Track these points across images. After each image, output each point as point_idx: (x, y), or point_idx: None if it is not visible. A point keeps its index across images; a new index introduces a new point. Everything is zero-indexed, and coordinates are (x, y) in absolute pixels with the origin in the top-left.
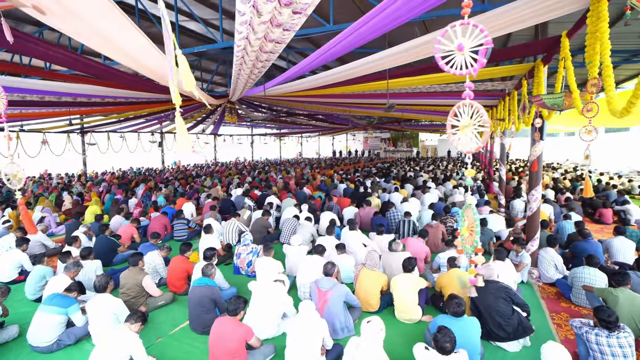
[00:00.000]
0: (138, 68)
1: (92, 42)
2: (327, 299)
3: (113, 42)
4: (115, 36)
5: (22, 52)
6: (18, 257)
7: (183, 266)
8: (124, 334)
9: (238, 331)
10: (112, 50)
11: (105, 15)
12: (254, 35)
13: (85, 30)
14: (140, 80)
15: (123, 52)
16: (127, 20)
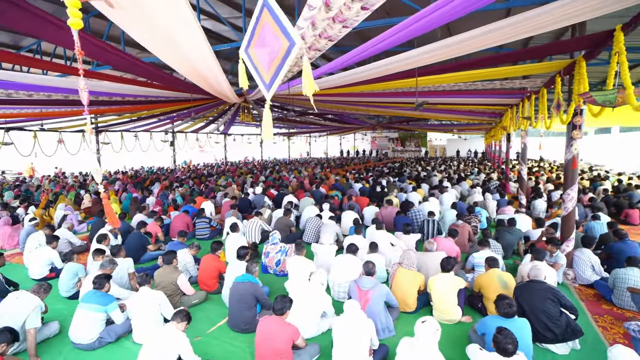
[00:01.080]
0: (186, 67)
1: (146, 37)
2: (368, 298)
3: (169, 38)
4: (174, 31)
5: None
6: (49, 255)
7: (215, 265)
8: (172, 333)
9: (285, 331)
10: (164, 47)
11: (172, 7)
12: (311, 32)
13: (145, 24)
14: (168, 76)
15: (176, 49)
16: (190, 15)
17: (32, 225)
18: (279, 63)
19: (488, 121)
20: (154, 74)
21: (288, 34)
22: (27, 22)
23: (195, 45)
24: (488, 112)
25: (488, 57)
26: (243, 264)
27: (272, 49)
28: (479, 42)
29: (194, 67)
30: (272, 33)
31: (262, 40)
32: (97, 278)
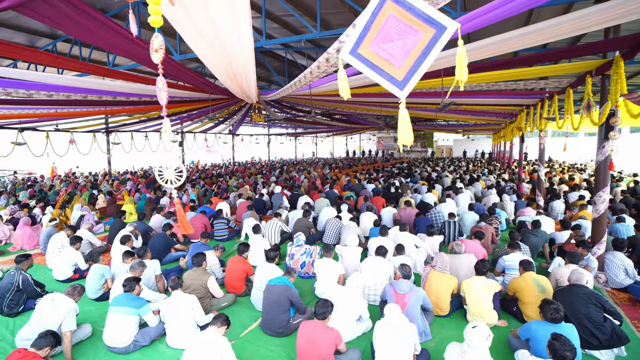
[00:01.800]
0: (224, 66)
1: (194, 35)
2: (406, 302)
3: (218, 36)
4: (226, 29)
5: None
6: (72, 256)
7: (242, 267)
8: (214, 338)
9: (329, 335)
10: (210, 45)
11: (234, 2)
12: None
13: (200, 21)
14: (203, 80)
15: (221, 48)
16: (248, 12)
17: (53, 226)
18: (418, 55)
19: (497, 121)
20: (193, 79)
21: (432, 20)
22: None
23: (243, 44)
24: (499, 113)
25: (518, 58)
26: (273, 266)
27: (405, 41)
28: (522, 41)
29: (232, 67)
30: (403, 24)
31: (387, 34)
32: (127, 281)
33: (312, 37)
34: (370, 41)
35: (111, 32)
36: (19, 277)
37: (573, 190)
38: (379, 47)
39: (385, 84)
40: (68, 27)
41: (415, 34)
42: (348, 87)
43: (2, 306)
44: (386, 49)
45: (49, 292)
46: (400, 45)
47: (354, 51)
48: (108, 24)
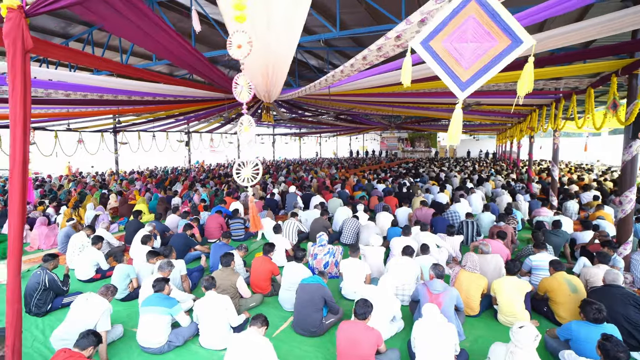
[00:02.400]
0: (262, 65)
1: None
2: (440, 301)
3: (269, 33)
4: (279, 25)
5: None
6: (94, 256)
7: (268, 267)
8: (256, 339)
9: (370, 336)
10: (258, 42)
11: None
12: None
13: (258, 16)
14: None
15: (266, 46)
16: (304, 15)
17: (70, 226)
18: (488, 62)
19: (503, 121)
20: (220, 77)
21: (510, 31)
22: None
23: (290, 42)
24: (507, 113)
25: (545, 57)
26: (301, 266)
27: (479, 45)
28: (565, 38)
29: (268, 65)
30: (481, 28)
31: (462, 34)
32: (157, 281)
33: (330, 37)
34: (445, 37)
35: (157, 28)
36: (45, 277)
37: (585, 191)
38: (451, 45)
39: (447, 81)
40: (113, 22)
41: (491, 41)
42: (410, 76)
43: (30, 306)
44: (458, 48)
45: (78, 292)
46: (473, 48)
47: (425, 42)
48: (155, 20)
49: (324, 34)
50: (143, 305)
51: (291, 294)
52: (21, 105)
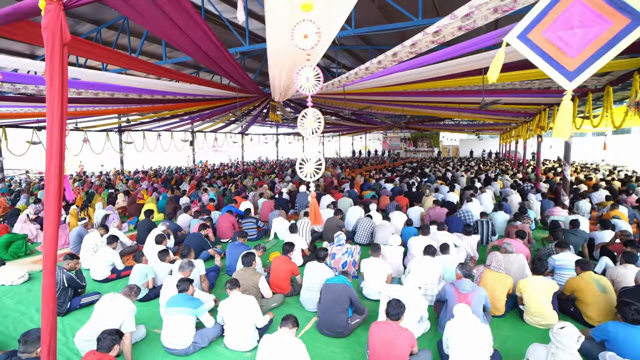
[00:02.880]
0: (289, 64)
1: (281, 25)
2: (469, 301)
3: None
4: (320, 21)
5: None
6: (110, 255)
7: (288, 266)
8: (289, 340)
9: (405, 336)
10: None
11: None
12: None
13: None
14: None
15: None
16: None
17: (82, 225)
18: (601, 46)
19: (508, 120)
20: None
21: (629, 9)
22: None
23: (327, 39)
24: (515, 112)
25: None
26: (323, 266)
27: (588, 30)
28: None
29: (296, 62)
30: (591, 11)
31: (567, 21)
32: (181, 282)
33: (346, 34)
34: (546, 27)
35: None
36: (63, 276)
37: (595, 190)
38: (554, 34)
39: (550, 72)
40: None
41: (603, 24)
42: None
43: None
44: (562, 37)
45: (96, 293)
46: (581, 34)
47: (522, 36)
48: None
49: (341, 32)
50: (168, 305)
51: (313, 294)
52: (59, 100)
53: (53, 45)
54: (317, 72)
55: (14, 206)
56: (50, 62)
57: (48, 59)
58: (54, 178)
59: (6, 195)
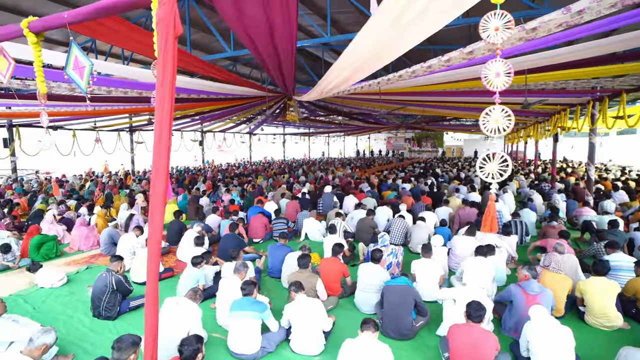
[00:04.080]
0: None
1: (378, 33)
2: (538, 303)
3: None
4: (412, 27)
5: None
6: None
7: (339, 267)
8: (375, 344)
9: (490, 339)
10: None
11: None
12: None
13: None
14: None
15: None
16: None
17: (112, 227)
18: None
19: (521, 121)
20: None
21: None
22: None
23: (407, 43)
24: (533, 112)
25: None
26: (378, 267)
27: None
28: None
29: (367, 61)
30: None
31: None
32: (245, 284)
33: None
34: None
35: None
36: (112, 279)
37: (615, 190)
38: None
39: None
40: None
41: None
42: None
43: (99, 310)
44: None
45: (141, 297)
46: None
47: None
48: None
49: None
50: (234, 309)
51: (369, 295)
52: (170, 96)
53: (167, 38)
54: (507, 66)
55: (32, 207)
56: (164, 56)
57: (162, 52)
58: (161, 176)
59: (22, 195)
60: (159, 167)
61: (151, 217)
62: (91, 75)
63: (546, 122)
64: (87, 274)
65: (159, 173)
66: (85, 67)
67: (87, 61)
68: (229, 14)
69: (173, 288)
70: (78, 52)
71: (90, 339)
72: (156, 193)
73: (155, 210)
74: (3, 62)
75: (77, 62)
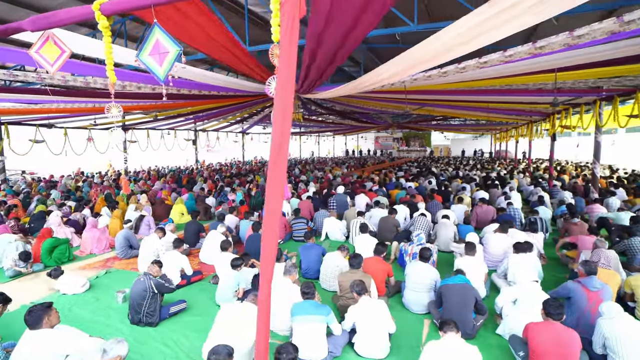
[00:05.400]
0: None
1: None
2: (600, 299)
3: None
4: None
5: None
6: (179, 260)
7: (383, 267)
8: (464, 347)
9: (574, 336)
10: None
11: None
12: None
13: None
14: None
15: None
16: None
17: (128, 228)
18: None
19: (514, 120)
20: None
21: None
22: None
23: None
24: (530, 111)
25: None
26: (427, 266)
27: None
28: None
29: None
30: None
31: None
32: (307, 287)
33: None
34: None
35: None
36: (150, 282)
37: (616, 188)
38: None
39: None
40: None
41: None
42: None
43: (140, 316)
44: None
45: (181, 301)
46: None
47: None
48: None
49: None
50: (297, 314)
51: (420, 295)
52: (292, 84)
53: (293, 20)
54: None
55: (26, 209)
56: (289, 39)
57: (287, 36)
58: (279, 175)
59: (14, 196)
60: (277, 163)
61: (267, 222)
62: (176, 62)
63: (542, 122)
64: (107, 279)
65: (277, 171)
66: (168, 53)
67: (173, 46)
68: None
69: (206, 292)
70: (162, 36)
71: (135, 348)
72: (273, 194)
73: (272, 209)
74: (53, 50)
75: (157, 47)
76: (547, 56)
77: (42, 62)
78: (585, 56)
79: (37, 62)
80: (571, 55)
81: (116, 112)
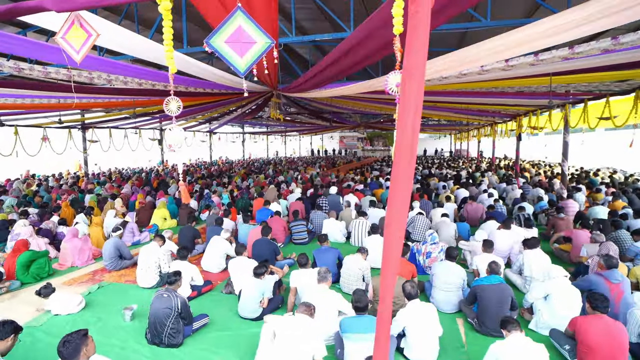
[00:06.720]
0: None
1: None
2: (622, 291)
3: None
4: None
5: None
6: (189, 271)
7: (408, 268)
8: (532, 345)
9: (623, 328)
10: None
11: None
12: None
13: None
14: None
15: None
16: None
17: (117, 237)
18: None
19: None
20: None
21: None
22: None
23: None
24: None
25: None
26: (454, 265)
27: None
28: None
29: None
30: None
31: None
32: (361, 297)
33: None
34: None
35: None
36: (177, 300)
37: (578, 183)
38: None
39: None
40: None
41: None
42: None
43: (161, 336)
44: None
45: (204, 315)
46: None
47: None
48: None
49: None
50: (352, 331)
51: (449, 294)
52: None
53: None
54: None
55: None
56: (421, 46)
57: (413, 39)
58: (406, 179)
59: None
60: (404, 163)
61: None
62: (262, 54)
63: (508, 123)
64: (100, 294)
65: (403, 174)
66: (254, 44)
67: (263, 37)
68: None
69: (221, 303)
70: (247, 23)
71: None
72: (397, 200)
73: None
74: (79, 34)
75: (239, 35)
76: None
77: (68, 49)
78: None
79: (64, 49)
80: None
81: (175, 106)
